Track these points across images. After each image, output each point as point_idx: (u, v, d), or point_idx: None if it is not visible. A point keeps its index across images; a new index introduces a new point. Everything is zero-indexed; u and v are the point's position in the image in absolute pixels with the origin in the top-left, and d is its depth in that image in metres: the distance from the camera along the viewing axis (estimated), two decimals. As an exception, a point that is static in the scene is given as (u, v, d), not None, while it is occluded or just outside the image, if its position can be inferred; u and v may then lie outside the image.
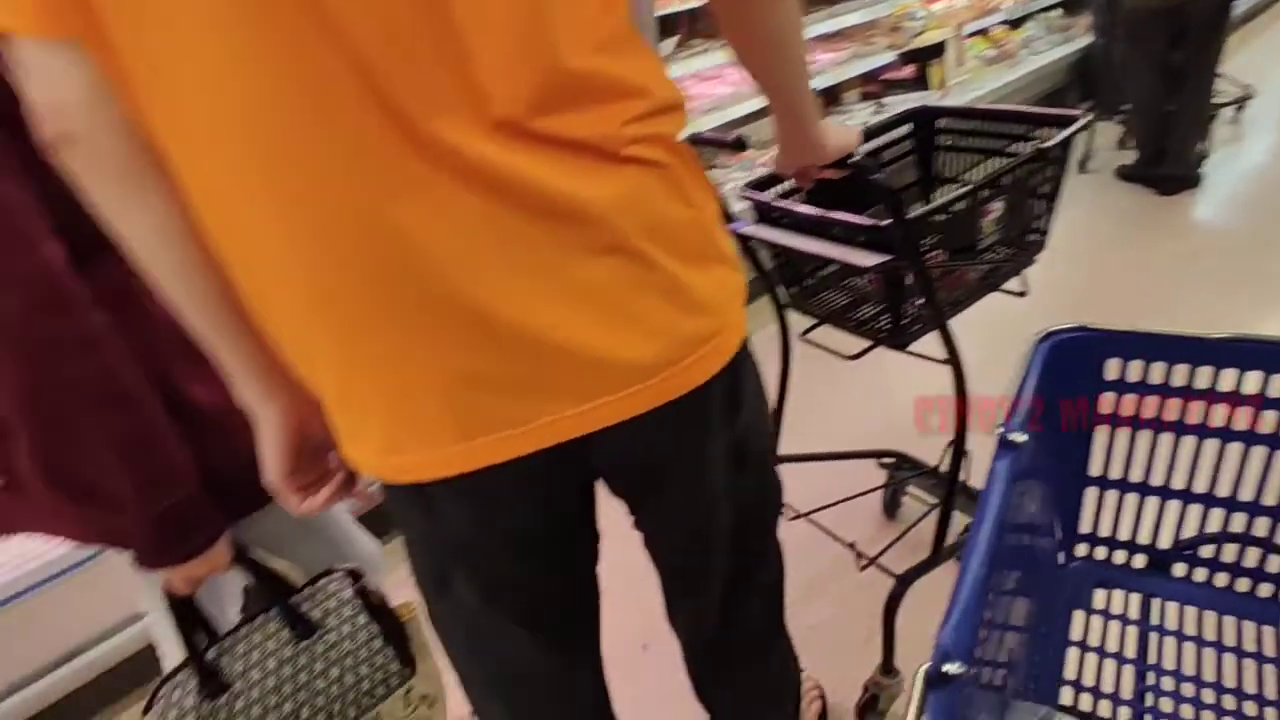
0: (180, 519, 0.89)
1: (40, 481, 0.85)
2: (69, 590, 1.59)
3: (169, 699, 0.95)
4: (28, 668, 1.60)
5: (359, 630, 1.04)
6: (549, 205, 0.66)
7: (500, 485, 0.77)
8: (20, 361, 0.79)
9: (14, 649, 1.58)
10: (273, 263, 0.68)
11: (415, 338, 0.69)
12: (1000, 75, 3.95)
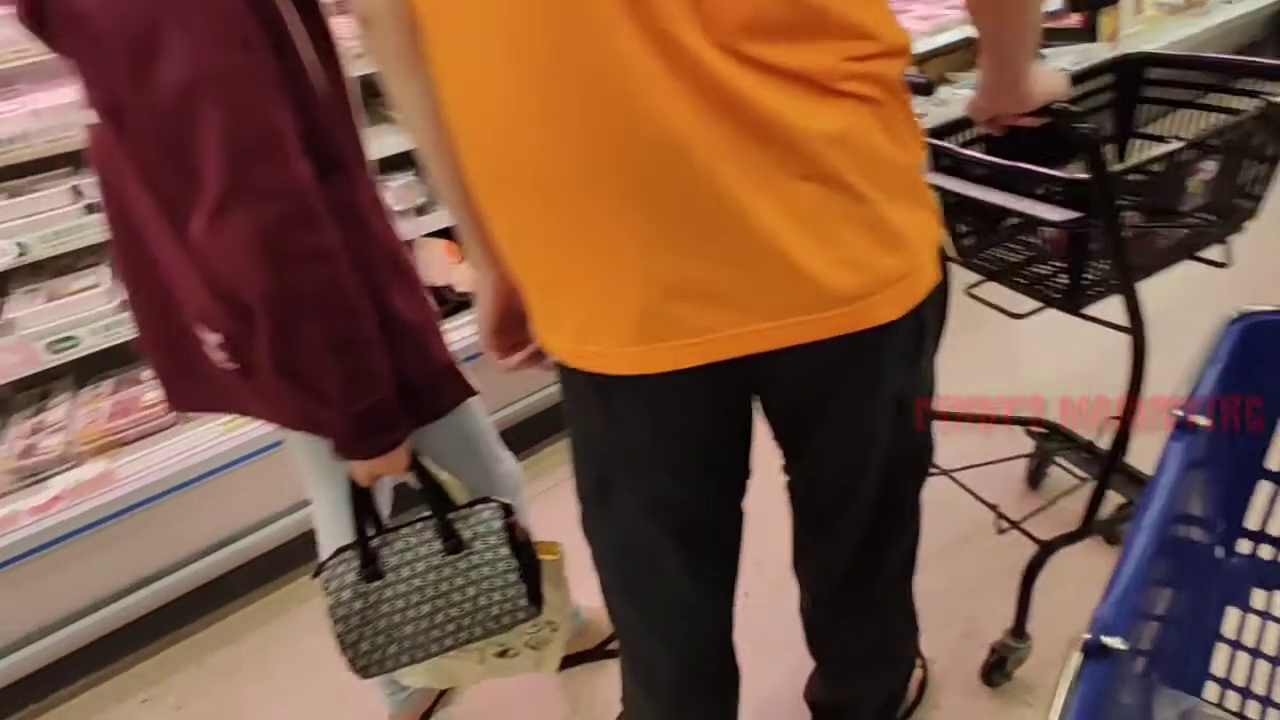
0: (376, 418, 0.99)
1: (270, 371, 0.94)
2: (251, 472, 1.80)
3: (334, 570, 1.06)
4: (212, 539, 1.82)
5: (499, 561, 1.12)
6: (769, 128, 0.68)
7: (676, 393, 0.80)
8: (269, 265, 0.86)
9: (210, 517, 1.80)
10: (510, 149, 0.73)
11: (633, 234, 0.72)
12: (1184, 26, 3.45)
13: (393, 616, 1.08)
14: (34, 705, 1.78)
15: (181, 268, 0.97)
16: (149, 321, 1.11)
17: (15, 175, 1.77)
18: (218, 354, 1.02)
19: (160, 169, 0.88)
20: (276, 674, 1.78)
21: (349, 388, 0.95)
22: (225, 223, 0.85)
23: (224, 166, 0.83)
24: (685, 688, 1.06)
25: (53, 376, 1.93)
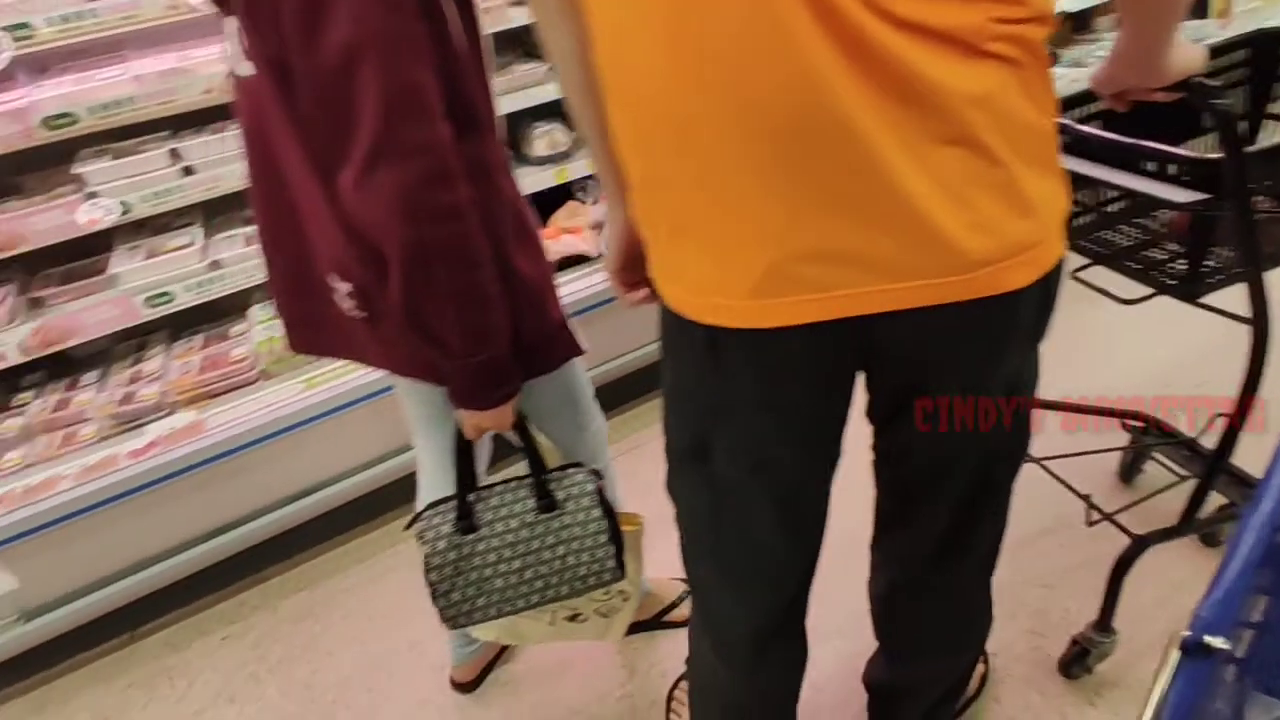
0: (492, 372, 1.03)
1: (398, 318, 0.98)
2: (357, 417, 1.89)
3: (429, 521, 1.10)
4: (290, 490, 1.92)
5: (591, 523, 1.15)
6: (914, 87, 0.68)
7: (790, 349, 0.80)
8: (408, 219, 0.91)
9: (289, 469, 1.89)
10: (655, 101, 0.74)
11: (769, 190, 0.72)
12: (1305, 5, 3.22)
13: (484, 570, 1.12)
14: (129, 633, 1.92)
15: (320, 218, 1.01)
16: (281, 266, 1.16)
17: (120, 138, 1.86)
18: (347, 302, 1.07)
19: (316, 123, 0.92)
20: (346, 622, 1.87)
21: (470, 340, 0.99)
22: (373, 178, 0.89)
23: (377, 124, 0.87)
24: (759, 650, 1.07)
25: (149, 330, 2.05)
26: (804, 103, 0.68)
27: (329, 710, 1.68)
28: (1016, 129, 0.72)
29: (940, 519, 0.98)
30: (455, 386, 1.05)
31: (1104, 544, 1.40)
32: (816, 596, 1.07)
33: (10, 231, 1.73)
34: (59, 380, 1.97)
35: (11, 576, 1.72)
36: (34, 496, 1.70)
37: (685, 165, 0.75)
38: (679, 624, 1.68)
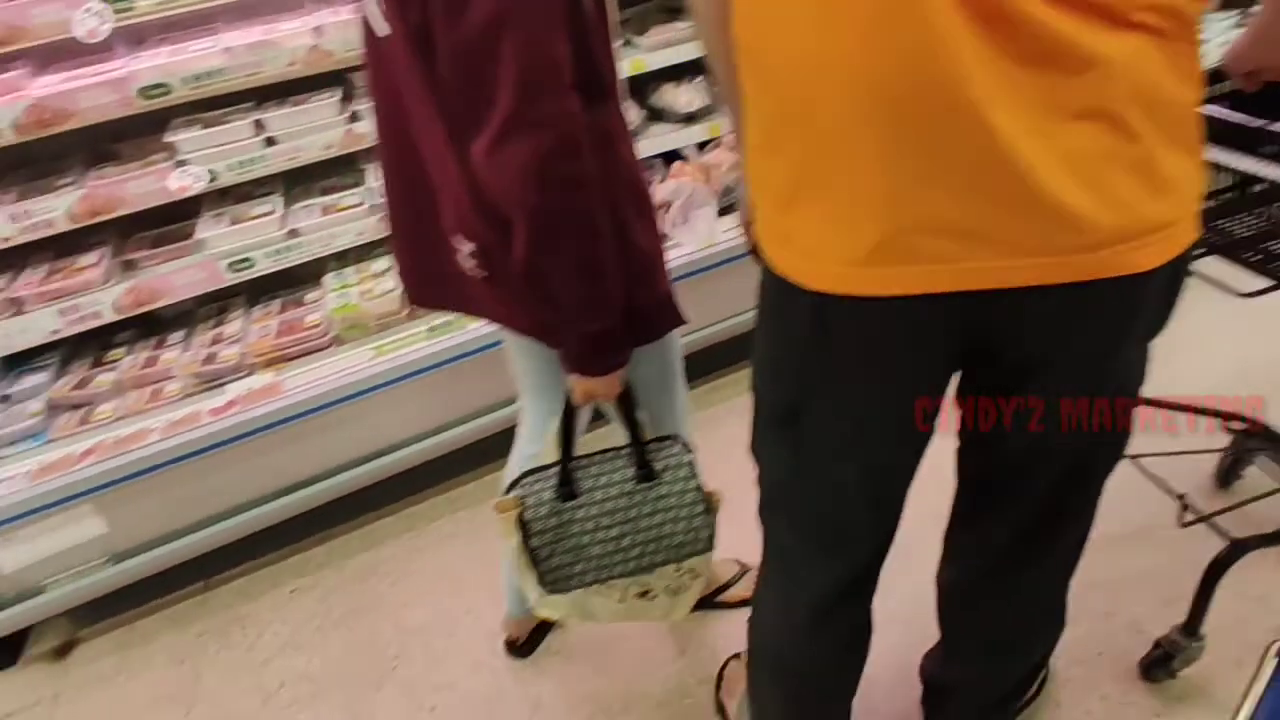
0: (605, 340, 1.06)
1: (520, 281, 1.01)
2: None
3: (530, 488, 1.13)
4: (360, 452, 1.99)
5: (688, 493, 1.18)
6: (1053, 55, 0.65)
7: (898, 320, 0.79)
8: (536, 187, 0.93)
9: (360, 432, 1.96)
10: (783, 61, 0.74)
11: (889, 159, 0.71)
12: None
13: (582, 537, 1.14)
14: (204, 582, 2.02)
15: (448, 180, 1.05)
16: (405, 223, 1.21)
17: (209, 108, 1.94)
18: (468, 261, 1.10)
19: (453, 91, 0.95)
20: (408, 583, 1.93)
21: (586, 308, 1.02)
22: (505, 148, 0.92)
23: (513, 98, 0.90)
24: (825, 613, 1.07)
25: (230, 294, 2.14)
26: (927, 71, 0.67)
27: (389, 666, 1.74)
28: (1158, 103, 0.69)
29: (1025, 512, 0.95)
30: (569, 352, 1.07)
31: (1180, 549, 1.34)
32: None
33: (108, 196, 1.82)
34: (148, 339, 2.07)
35: (102, 521, 1.82)
36: (124, 448, 1.79)
37: (806, 129, 0.75)
38: (731, 604, 1.69)
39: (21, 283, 1.86)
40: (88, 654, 1.92)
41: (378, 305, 2.00)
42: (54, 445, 1.83)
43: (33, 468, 1.77)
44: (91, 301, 1.87)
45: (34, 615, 1.86)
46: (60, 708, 1.81)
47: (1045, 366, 0.82)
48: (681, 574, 1.30)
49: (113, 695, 1.81)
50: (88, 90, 1.73)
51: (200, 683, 1.79)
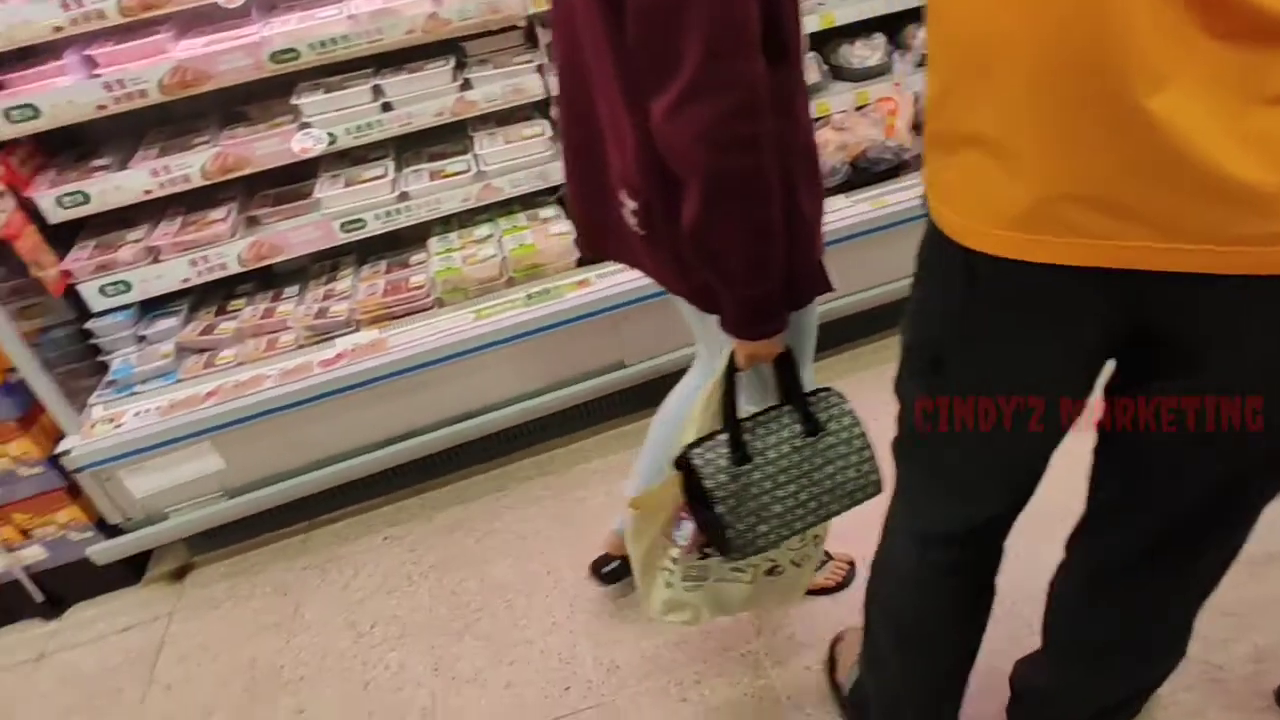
0: (767, 304, 1.07)
1: (688, 242, 1.02)
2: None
3: (704, 458, 1.14)
4: (455, 411, 2.07)
5: (855, 439, 1.18)
6: (1261, 34, 0.62)
7: (1043, 290, 0.78)
8: (713, 149, 0.93)
9: (456, 392, 2.04)
10: (963, 14, 0.73)
11: (1046, 119, 0.70)
12: None
13: (762, 498, 1.14)
14: (307, 522, 2.15)
15: (620, 136, 1.07)
16: (579, 173, 1.25)
17: (331, 73, 2.02)
18: (631, 218, 1.13)
19: (638, 48, 0.96)
20: (493, 540, 2.00)
21: (751, 272, 1.02)
22: (688, 108, 0.92)
23: (699, 61, 0.89)
24: (947, 567, 1.07)
25: (341, 253, 2.24)
26: (1092, 37, 0.63)
27: (471, 618, 1.81)
28: None
29: (1167, 522, 0.90)
30: (730, 316, 1.08)
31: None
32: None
33: (238, 155, 1.93)
34: (266, 291, 2.19)
35: (220, 458, 1.96)
36: (242, 391, 1.92)
37: (975, 87, 0.74)
38: (811, 591, 1.68)
39: (159, 233, 2.01)
40: (201, 579, 2.09)
41: (479, 270, 2.06)
42: (182, 385, 1.98)
43: (163, 404, 1.92)
44: (219, 253, 2.00)
45: (157, 539, 2.03)
46: (175, 625, 1.97)
47: (1209, 364, 0.77)
48: (805, 543, 1.31)
49: (221, 618, 1.96)
50: (225, 54, 1.83)
51: (299, 615, 1.92)
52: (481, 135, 2.15)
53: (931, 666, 1.19)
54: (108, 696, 1.83)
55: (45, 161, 1.99)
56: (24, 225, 1.84)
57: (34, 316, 1.88)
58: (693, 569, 1.32)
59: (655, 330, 2.09)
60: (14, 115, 1.76)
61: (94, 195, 1.87)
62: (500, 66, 2.03)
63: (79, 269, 1.93)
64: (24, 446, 1.86)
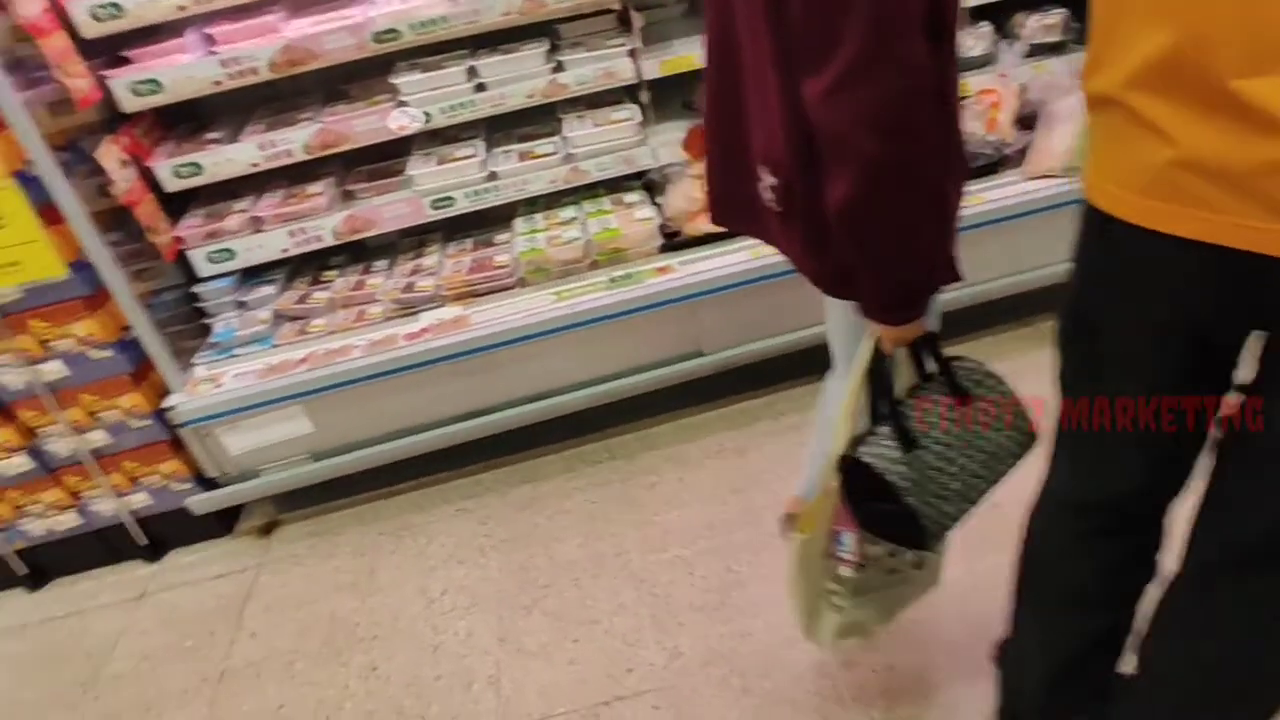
0: (916, 288, 1.05)
1: (833, 225, 1.00)
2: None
3: (874, 453, 1.12)
4: (532, 390, 2.11)
5: (1004, 398, 1.17)
6: None
7: (1167, 261, 0.79)
8: (875, 132, 0.90)
9: (534, 371, 2.08)
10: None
11: (1178, 87, 0.72)
12: None
13: (939, 478, 1.12)
14: (386, 488, 2.23)
15: (765, 111, 1.07)
16: (719, 143, 1.25)
17: (429, 53, 2.07)
18: (767, 194, 1.13)
19: (799, 24, 0.94)
20: (565, 519, 2.03)
21: (903, 256, 1.00)
22: (848, 90, 0.90)
23: (863, 39, 0.87)
24: (1092, 536, 1.08)
25: (429, 229, 2.30)
26: (1240, 15, 0.63)
27: (539, 594, 1.85)
28: None
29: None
30: (876, 300, 1.06)
31: None
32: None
33: (338, 131, 2.00)
34: (356, 264, 2.28)
35: (309, 422, 2.05)
36: (332, 359, 2.00)
37: (1116, 49, 0.75)
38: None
39: (262, 204, 2.10)
40: (286, 535, 2.19)
41: (562, 252, 2.08)
42: (277, 350, 2.07)
43: (259, 368, 2.02)
44: (316, 226, 2.08)
45: (248, 495, 2.14)
46: (261, 577, 2.08)
47: None
48: None
49: (304, 574, 2.06)
50: (332, 33, 1.89)
51: (375, 577, 2.00)
52: (571, 118, 2.17)
53: (1071, 639, 1.17)
54: (200, 638, 1.95)
55: (164, 134, 2.11)
56: (144, 193, 1.96)
57: (147, 279, 2.00)
58: (858, 582, 1.29)
59: (736, 320, 2.08)
60: (139, 89, 1.87)
61: (206, 166, 1.97)
62: (593, 50, 2.04)
63: (190, 236, 2.04)
64: (134, 400, 1.99)
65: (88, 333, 1.90)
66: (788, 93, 0.98)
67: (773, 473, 2.01)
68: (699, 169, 2.10)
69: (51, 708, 1.86)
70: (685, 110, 2.23)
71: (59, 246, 1.80)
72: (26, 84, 1.72)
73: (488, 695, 1.66)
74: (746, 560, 1.81)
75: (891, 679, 1.53)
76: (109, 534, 2.16)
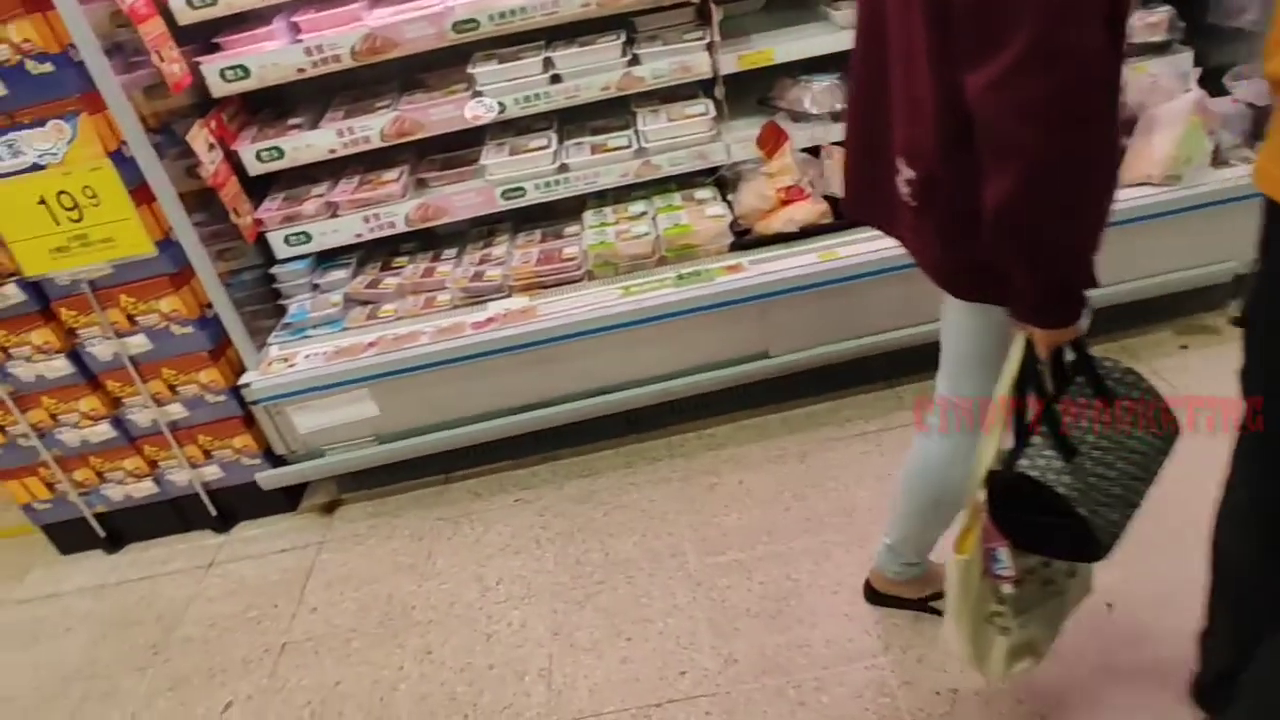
0: (1075, 287, 0.99)
1: (987, 222, 0.94)
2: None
3: (1036, 466, 1.07)
4: (594, 384, 2.10)
5: (1147, 393, 1.11)
6: None
7: None
8: (1044, 125, 0.86)
9: (600, 364, 2.07)
10: None
11: None
12: None
13: (1101, 485, 1.09)
14: (444, 475, 2.26)
15: (912, 104, 1.05)
16: (858, 136, 1.24)
17: (505, 44, 2.07)
18: (904, 188, 1.10)
19: (964, 13, 0.90)
20: (621, 515, 2.01)
21: (1064, 255, 0.95)
22: (1019, 79, 0.86)
23: (1041, 25, 0.83)
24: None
25: (498, 219, 2.31)
26: None
27: (594, 588, 1.84)
28: None
29: None
30: (1031, 301, 1.00)
31: None
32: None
33: (414, 119, 2.02)
34: (426, 252, 2.30)
35: (375, 405, 2.09)
36: (400, 345, 2.03)
37: None
38: (944, 613, 1.58)
39: (339, 190, 2.14)
40: (348, 515, 2.24)
41: (631, 246, 2.07)
42: (347, 333, 2.11)
43: (329, 350, 2.06)
44: (389, 212, 2.11)
45: (314, 473, 2.19)
46: (323, 554, 2.13)
47: None
48: None
49: (363, 553, 2.10)
50: (412, 22, 1.91)
51: (432, 561, 2.02)
52: (645, 111, 2.15)
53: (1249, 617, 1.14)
54: (263, 609, 2.00)
55: (248, 119, 2.17)
56: (228, 175, 2.02)
57: (228, 259, 2.06)
58: (1020, 600, 1.24)
59: (804, 323, 2.03)
60: (228, 75, 1.92)
61: (287, 151, 2.02)
62: (669, 43, 2.01)
63: (269, 219, 2.10)
64: (212, 375, 2.06)
65: (172, 309, 1.96)
66: (941, 83, 0.95)
67: (836, 480, 1.97)
68: (772, 167, 2.06)
69: (124, 667, 1.94)
70: (760, 107, 2.19)
71: (149, 225, 1.87)
72: (125, 68, 1.79)
73: (539, 688, 1.66)
74: (806, 569, 1.77)
75: (955, 705, 1.47)
76: (182, 503, 2.25)
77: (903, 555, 1.53)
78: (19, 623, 2.14)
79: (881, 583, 1.62)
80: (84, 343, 2.01)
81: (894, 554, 1.54)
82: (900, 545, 1.52)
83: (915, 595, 1.60)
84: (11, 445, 2.12)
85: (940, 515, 1.41)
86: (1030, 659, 1.28)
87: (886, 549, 1.55)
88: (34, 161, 1.77)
